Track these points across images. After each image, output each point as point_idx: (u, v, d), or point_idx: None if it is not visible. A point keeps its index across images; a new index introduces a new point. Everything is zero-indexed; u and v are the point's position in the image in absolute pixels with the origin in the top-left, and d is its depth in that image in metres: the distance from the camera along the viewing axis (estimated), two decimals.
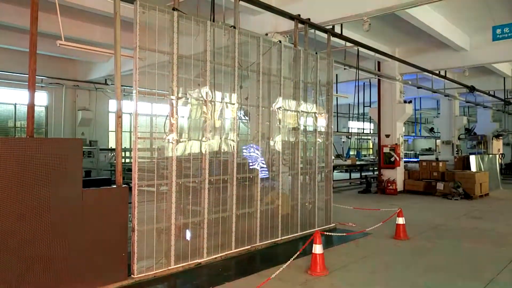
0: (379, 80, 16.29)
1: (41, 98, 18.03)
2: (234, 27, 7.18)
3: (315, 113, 8.96)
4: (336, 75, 16.41)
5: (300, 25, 8.96)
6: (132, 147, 5.82)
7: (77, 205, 5.06)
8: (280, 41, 8.24)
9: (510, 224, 9.92)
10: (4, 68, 15.54)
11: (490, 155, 19.42)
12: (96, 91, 18.96)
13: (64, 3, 8.30)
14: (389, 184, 15.61)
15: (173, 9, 6.16)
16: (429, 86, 17.63)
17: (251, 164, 7.35)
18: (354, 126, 32.56)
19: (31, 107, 5.00)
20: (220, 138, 6.79)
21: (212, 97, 6.67)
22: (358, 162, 21.79)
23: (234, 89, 7.04)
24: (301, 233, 8.36)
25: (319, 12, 9.61)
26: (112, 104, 19.78)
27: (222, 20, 7.92)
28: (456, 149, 23.50)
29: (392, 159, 15.83)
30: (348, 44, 11.51)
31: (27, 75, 4.97)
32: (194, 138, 6.41)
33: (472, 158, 16.86)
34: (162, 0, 7.07)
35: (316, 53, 9.13)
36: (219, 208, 6.71)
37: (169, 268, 5.92)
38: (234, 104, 7.04)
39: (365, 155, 33.28)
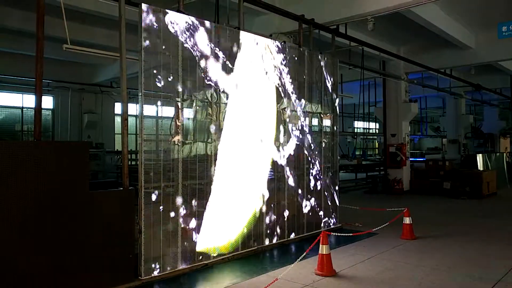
0: (384, 79, 16.23)
1: (48, 102, 18.15)
2: (239, 28, 7.19)
3: (320, 113, 8.95)
4: (341, 75, 16.35)
5: (304, 26, 8.96)
6: (138, 149, 5.85)
7: (84, 207, 5.09)
8: (284, 42, 8.24)
9: None
10: (11, 73, 15.65)
11: (497, 154, 19.27)
12: (102, 94, 19.04)
13: (70, 7, 8.36)
14: (395, 184, 15.54)
15: (178, 11, 6.19)
16: (434, 85, 17.52)
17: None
18: (360, 126, 32.42)
19: (38, 111, 5.04)
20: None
21: (217, 99, 6.68)
22: (364, 162, 21.70)
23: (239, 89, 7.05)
24: (307, 233, 8.35)
25: (323, 12, 9.61)
26: (118, 107, 19.86)
27: (226, 21, 7.93)
28: (463, 148, 23.35)
29: (398, 158, 15.75)
30: (353, 43, 11.49)
31: (34, 79, 5.02)
32: (200, 139, 6.42)
33: (479, 157, 16.74)
34: (166, 2, 7.11)
35: (321, 53, 9.13)
36: (225, 209, 6.72)
37: (176, 269, 5.94)
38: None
39: (371, 155, 33.12)
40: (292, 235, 8.03)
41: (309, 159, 8.60)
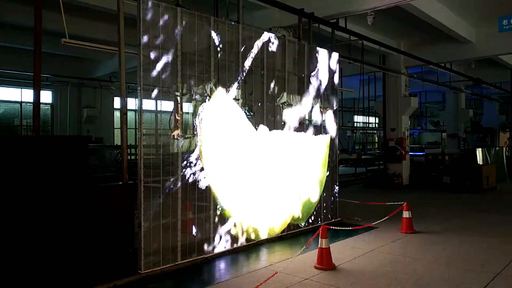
0: (384, 73, 16.19)
1: (46, 96, 18.12)
2: (238, 22, 7.16)
3: (320, 107, 8.93)
4: (341, 69, 16.32)
5: (304, 20, 8.92)
6: (137, 143, 5.85)
7: (83, 202, 5.09)
8: (284, 36, 8.21)
9: None
10: (10, 67, 15.60)
11: (497, 148, 19.28)
12: (101, 89, 19.02)
13: (68, 0, 8.31)
14: (395, 178, 15.55)
15: (177, 5, 6.16)
16: (434, 79, 17.50)
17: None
18: (360, 120, 32.40)
19: (36, 105, 5.03)
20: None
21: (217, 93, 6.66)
22: (363, 157, 21.71)
23: (239, 85, 7.03)
24: (307, 227, 8.37)
25: (323, 6, 9.57)
26: (117, 101, 19.84)
27: (226, 15, 7.90)
28: (462, 142, 23.36)
29: (398, 153, 15.76)
30: (353, 37, 11.45)
31: (33, 74, 5.00)
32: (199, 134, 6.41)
33: (479, 151, 16.75)
34: None
35: (321, 47, 9.10)
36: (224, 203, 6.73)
37: (176, 263, 5.96)
38: (238, 99, 7.04)
39: (370, 149, 33.14)
40: (292, 229, 8.04)
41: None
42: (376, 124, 33.22)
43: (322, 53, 8.98)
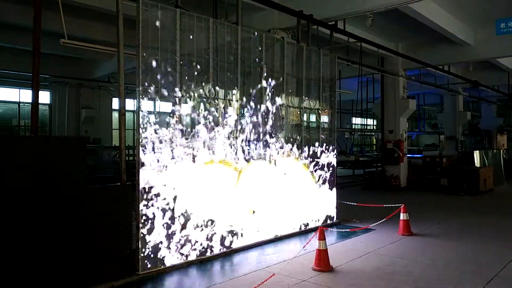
0: (382, 76, 16.23)
1: (45, 97, 18.10)
2: (237, 24, 7.18)
3: (318, 109, 8.95)
4: (339, 71, 16.35)
5: (302, 21, 8.94)
6: (135, 144, 5.85)
7: (81, 203, 5.08)
8: (282, 38, 8.24)
9: None
10: (8, 67, 15.58)
11: (494, 151, 19.34)
12: (100, 89, 19.00)
13: (67, 1, 8.31)
14: (392, 180, 15.57)
15: (176, 6, 6.17)
16: (432, 82, 17.55)
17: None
18: (358, 122, 32.43)
19: (35, 105, 5.03)
20: (223, 135, 6.79)
21: (215, 94, 6.67)
22: (361, 159, 21.72)
23: (237, 86, 7.05)
24: (305, 229, 8.38)
25: (321, 8, 9.59)
26: (116, 102, 19.83)
27: (225, 17, 7.91)
28: (460, 145, 23.42)
29: (396, 155, 15.79)
30: (351, 39, 11.48)
31: (31, 74, 5.00)
32: (198, 135, 6.41)
33: (476, 154, 16.80)
34: None
35: (319, 49, 9.12)
36: (222, 203, 6.73)
37: (174, 264, 5.95)
38: (237, 101, 7.05)
39: (368, 151, 33.16)
40: (289, 230, 8.05)
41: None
42: (374, 126, 33.28)
43: (320, 55, 9.00)
